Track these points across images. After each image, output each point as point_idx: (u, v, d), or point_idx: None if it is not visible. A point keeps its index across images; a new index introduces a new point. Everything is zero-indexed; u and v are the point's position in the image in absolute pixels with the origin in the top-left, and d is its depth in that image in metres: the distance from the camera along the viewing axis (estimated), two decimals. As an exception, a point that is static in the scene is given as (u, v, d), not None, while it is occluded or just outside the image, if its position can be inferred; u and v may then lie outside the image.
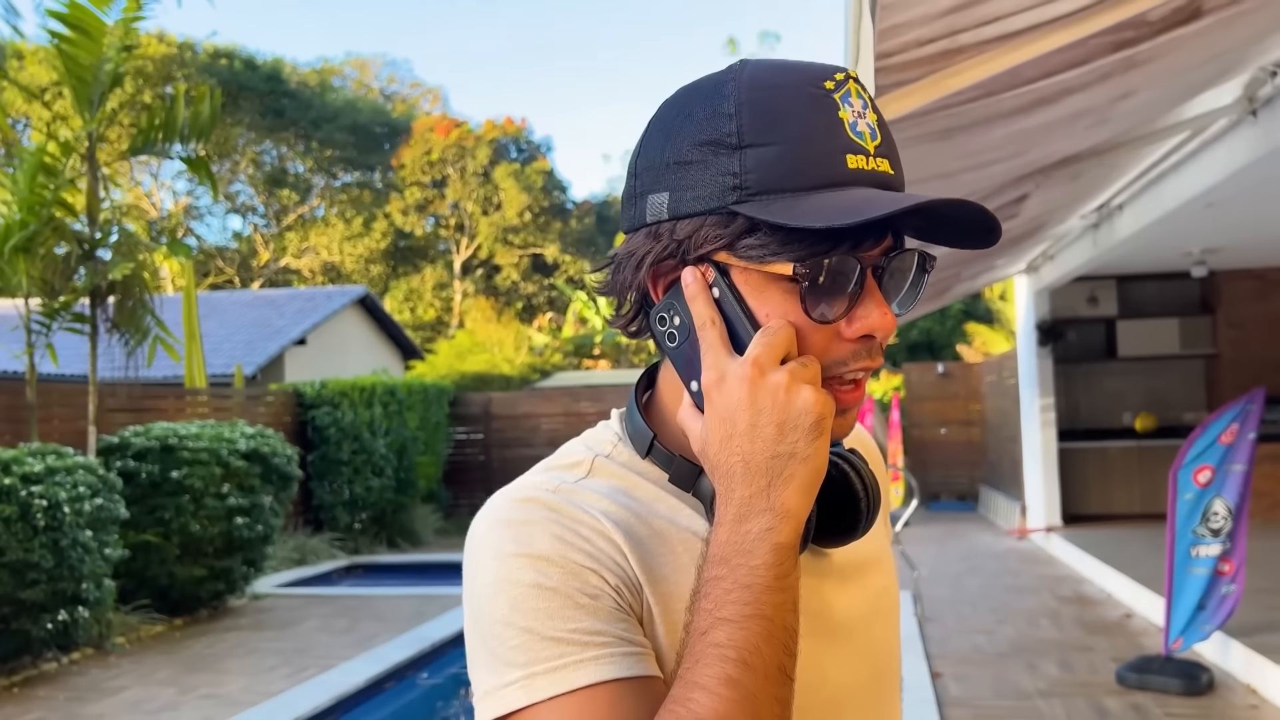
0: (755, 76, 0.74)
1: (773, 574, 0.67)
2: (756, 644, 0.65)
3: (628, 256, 0.78)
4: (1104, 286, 10.45)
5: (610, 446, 0.83)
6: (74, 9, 6.92)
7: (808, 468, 0.69)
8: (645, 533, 0.76)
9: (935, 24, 2.31)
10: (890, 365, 22.50)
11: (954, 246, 0.78)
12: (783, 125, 0.71)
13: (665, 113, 0.78)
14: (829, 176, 0.71)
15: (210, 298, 19.09)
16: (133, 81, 26.83)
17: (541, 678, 0.68)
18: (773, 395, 0.69)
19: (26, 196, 6.85)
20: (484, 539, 0.74)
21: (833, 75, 0.74)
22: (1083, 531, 9.55)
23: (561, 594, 0.70)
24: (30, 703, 5.50)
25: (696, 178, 0.73)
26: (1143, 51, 2.93)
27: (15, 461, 5.74)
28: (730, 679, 0.64)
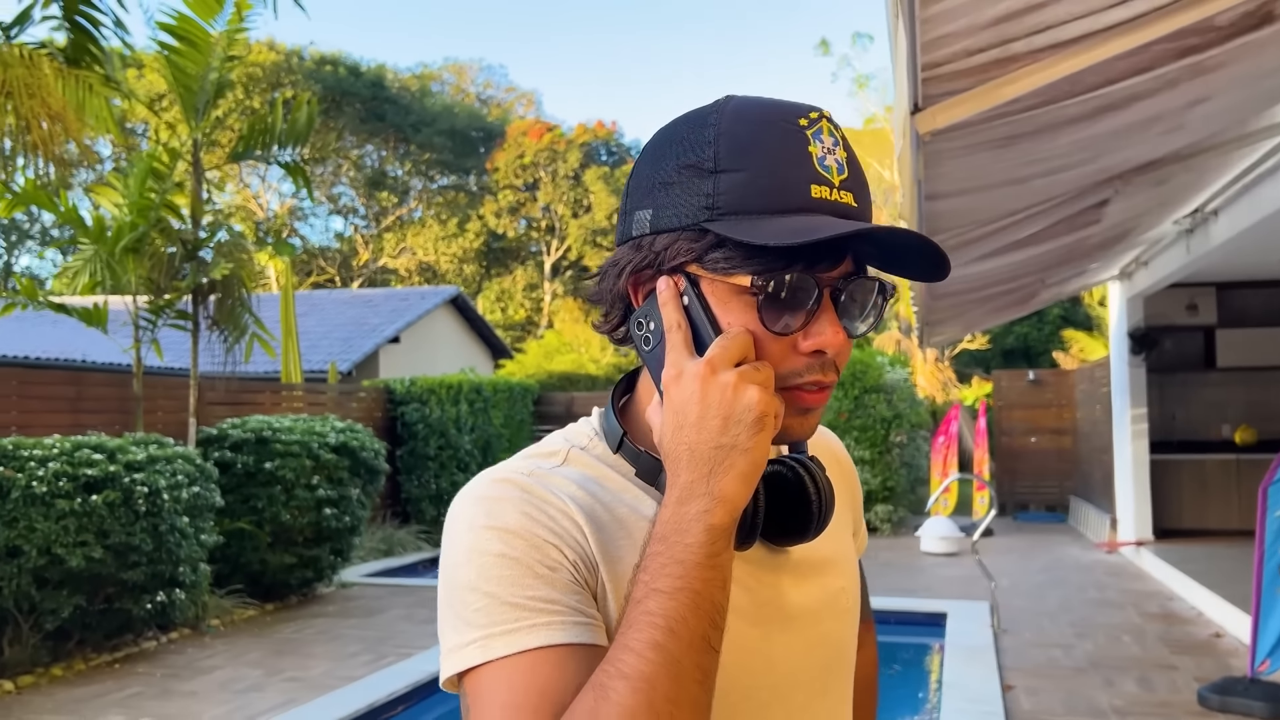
0: (738, 110, 0.81)
1: (704, 552, 0.73)
2: (684, 614, 0.71)
3: (612, 265, 0.86)
4: (1203, 294, 10.09)
5: (587, 440, 0.90)
6: (182, 21, 7.29)
7: (747, 459, 0.75)
8: (607, 518, 0.83)
9: (983, 34, 2.33)
10: (981, 372, 22.05)
11: (908, 278, 0.84)
12: (754, 154, 0.78)
13: (657, 139, 0.85)
14: (792, 203, 0.78)
15: (311, 296, 19.76)
16: (243, 88, 27.94)
17: (498, 639, 0.75)
18: (721, 391, 0.76)
19: (136, 200, 7.24)
20: (460, 513, 0.81)
21: (808, 114, 0.81)
22: (1175, 547, 9.23)
23: (523, 564, 0.77)
24: (130, 678, 5.82)
25: (676, 197, 0.81)
26: (1212, 57, 2.87)
27: (120, 450, 6.08)
28: (656, 644, 0.70)
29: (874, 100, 27.01)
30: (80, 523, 5.68)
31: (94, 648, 6.19)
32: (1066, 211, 4.68)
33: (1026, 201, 4.13)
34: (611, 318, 0.89)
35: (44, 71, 5.97)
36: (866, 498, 11.84)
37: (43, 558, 5.58)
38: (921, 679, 6.73)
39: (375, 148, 34.36)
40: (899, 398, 12.06)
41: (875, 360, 12.26)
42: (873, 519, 11.88)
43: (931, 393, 19.05)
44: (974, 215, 4.11)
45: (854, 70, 38.53)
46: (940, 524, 10.53)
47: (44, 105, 5.82)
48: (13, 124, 5.85)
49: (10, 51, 5.87)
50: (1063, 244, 5.69)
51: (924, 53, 2.29)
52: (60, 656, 6.00)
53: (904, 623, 7.38)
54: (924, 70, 2.37)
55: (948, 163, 3.10)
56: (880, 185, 25.15)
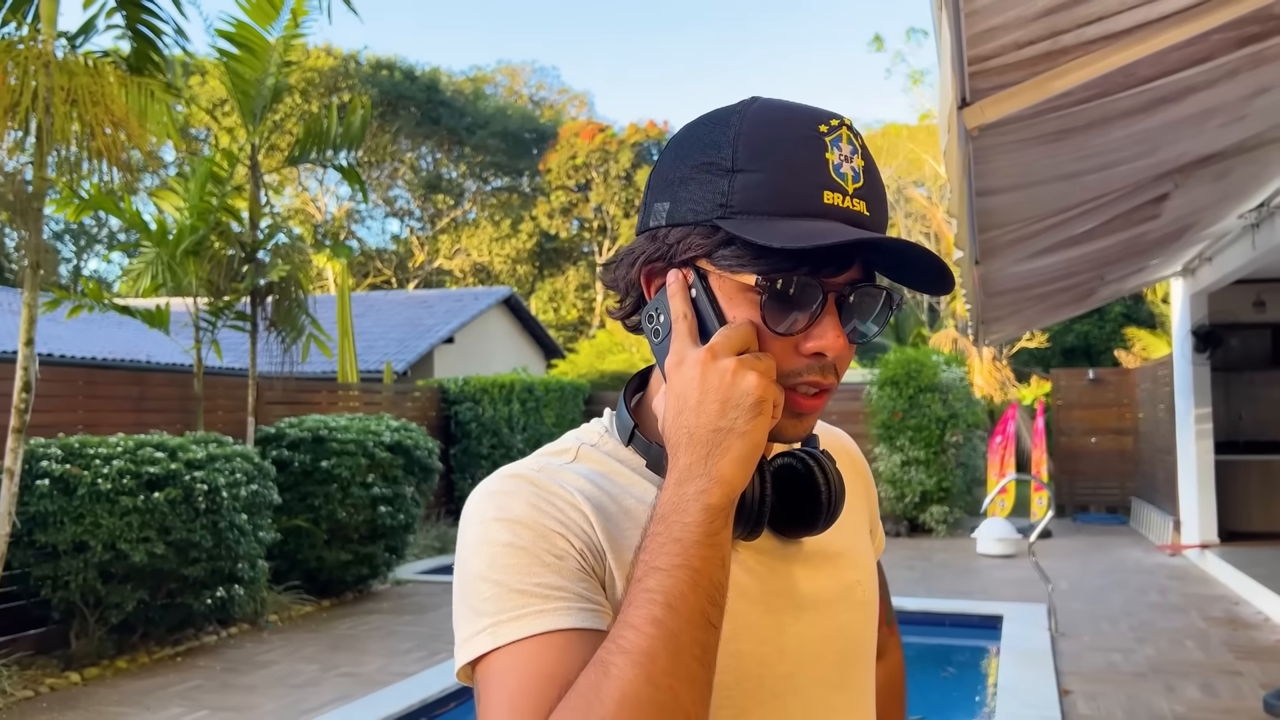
0: (759, 113, 0.83)
1: (702, 531, 0.74)
2: (683, 590, 0.72)
3: (628, 254, 0.89)
4: (1271, 289, 9.81)
5: (597, 437, 0.93)
6: (240, 28, 7.44)
7: (744, 442, 0.76)
8: (614, 509, 0.85)
9: (1032, 26, 2.29)
10: (1040, 370, 21.65)
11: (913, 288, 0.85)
12: (770, 157, 0.80)
13: (681, 136, 0.87)
14: (804, 207, 0.79)
15: (367, 297, 20.05)
16: (301, 92, 28.44)
17: (506, 625, 0.77)
18: (720, 376, 0.77)
19: (196, 204, 7.41)
20: (472, 508, 0.84)
21: (828, 120, 0.82)
22: (1242, 550, 8.98)
23: (530, 553, 0.79)
24: (190, 671, 5.96)
25: (693, 193, 0.82)
26: (1274, 46, 2.79)
27: (181, 448, 6.23)
28: (655, 619, 0.72)
29: (928, 96, 26.67)
30: (143, 519, 5.82)
31: (156, 641, 6.35)
32: (1123, 206, 4.58)
33: (1080, 197, 4.04)
34: (625, 305, 0.91)
35: (108, 79, 6.12)
36: (921, 498, 11.69)
37: (108, 553, 5.73)
38: (977, 682, 6.63)
39: (430, 150, 34.76)
40: (955, 397, 11.88)
41: (931, 359, 12.10)
42: (928, 520, 11.72)
43: (988, 392, 18.75)
44: (1026, 211, 4.03)
45: (908, 66, 38.11)
46: (997, 525, 10.37)
47: (107, 112, 5.98)
48: (78, 130, 6.02)
49: (76, 60, 6.04)
50: (1120, 240, 5.57)
51: (970, 46, 2.26)
52: (124, 649, 6.16)
53: (959, 625, 7.28)
54: (970, 64, 2.33)
55: (997, 158, 3.05)
56: (936, 181, 24.80)
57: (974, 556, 10.18)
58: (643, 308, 0.88)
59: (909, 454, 11.69)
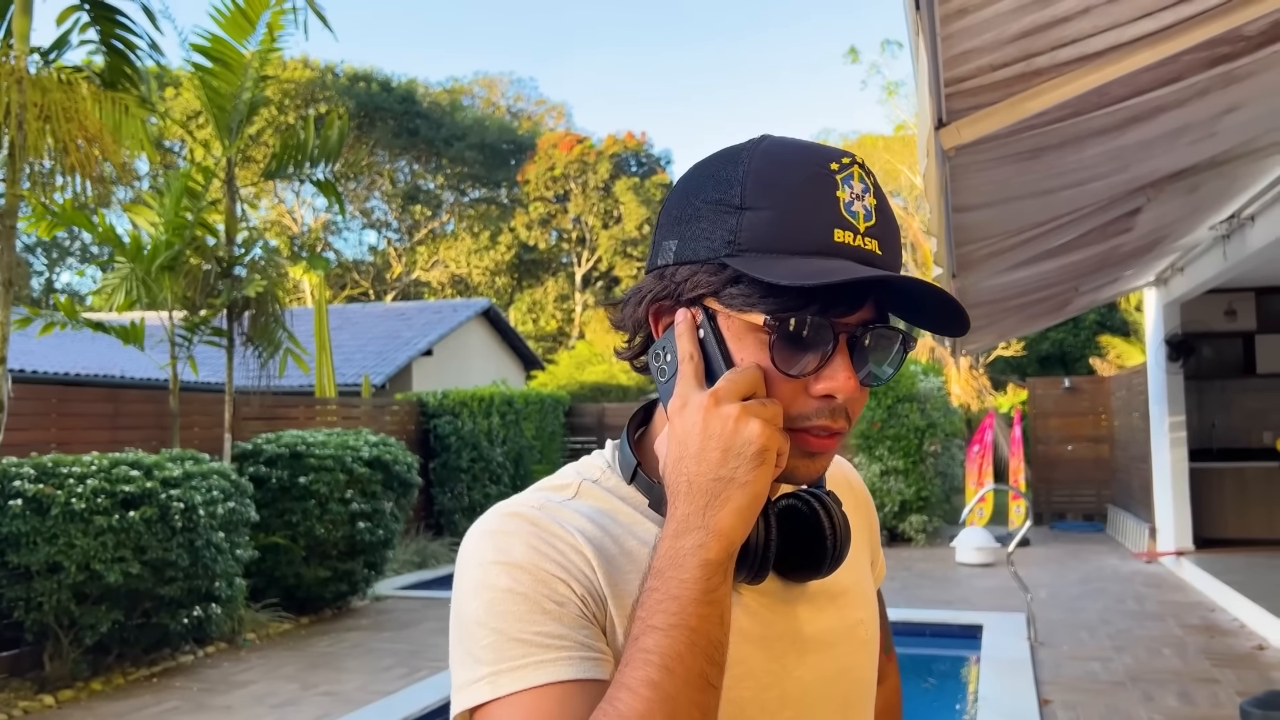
0: (769, 151, 0.81)
1: (700, 588, 0.72)
2: (680, 651, 0.70)
3: (635, 292, 0.87)
4: (1242, 299, 9.93)
5: (599, 473, 0.90)
6: (215, 42, 7.41)
7: (745, 493, 0.74)
8: (616, 551, 0.83)
9: (1007, 49, 2.31)
10: (1016, 379, 21.81)
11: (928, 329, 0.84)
12: (780, 194, 0.79)
13: (691, 173, 0.86)
14: (814, 245, 0.77)
15: (344, 310, 19.94)
16: (278, 105, 28.32)
17: (505, 675, 0.75)
18: (723, 423, 0.75)
19: (171, 218, 7.36)
20: (470, 547, 0.82)
21: (839, 159, 0.80)
22: (1217, 556, 9.07)
23: (530, 599, 0.77)
24: (167, 692, 5.89)
25: (702, 230, 0.81)
26: (1243, 66, 2.83)
27: (156, 466, 6.17)
28: (652, 681, 0.69)
29: (904, 107, 26.89)
30: (118, 539, 5.76)
31: (132, 662, 6.27)
32: (1097, 221, 4.63)
33: (1055, 212, 4.09)
34: (634, 345, 0.90)
35: (81, 94, 6.08)
36: (900, 508, 11.74)
37: (82, 573, 5.67)
38: (957, 692, 6.65)
39: (408, 162, 34.67)
40: (933, 406, 11.95)
41: (908, 369, 12.16)
42: (907, 529, 11.77)
43: (966, 401, 18.87)
44: (1002, 226, 4.07)
45: (883, 77, 38.33)
46: (975, 534, 10.42)
47: (81, 127, 5.93)
48: (51, 145, 5.97)
49: (49, 76, 5.99)
50: (1095, 252, 5.62)
51: (947, 68, 2.28)
52: (99, 671, 6.09)
53: (939, 635, 7.31)
54: (947, 86, 2.35)
55: (974, 176, 3.08)
56: (912, 192, 24.98)
57: (953, 565, 10.23)
58: (650, 346, 0.86)
59: (888, 463, 11.75)
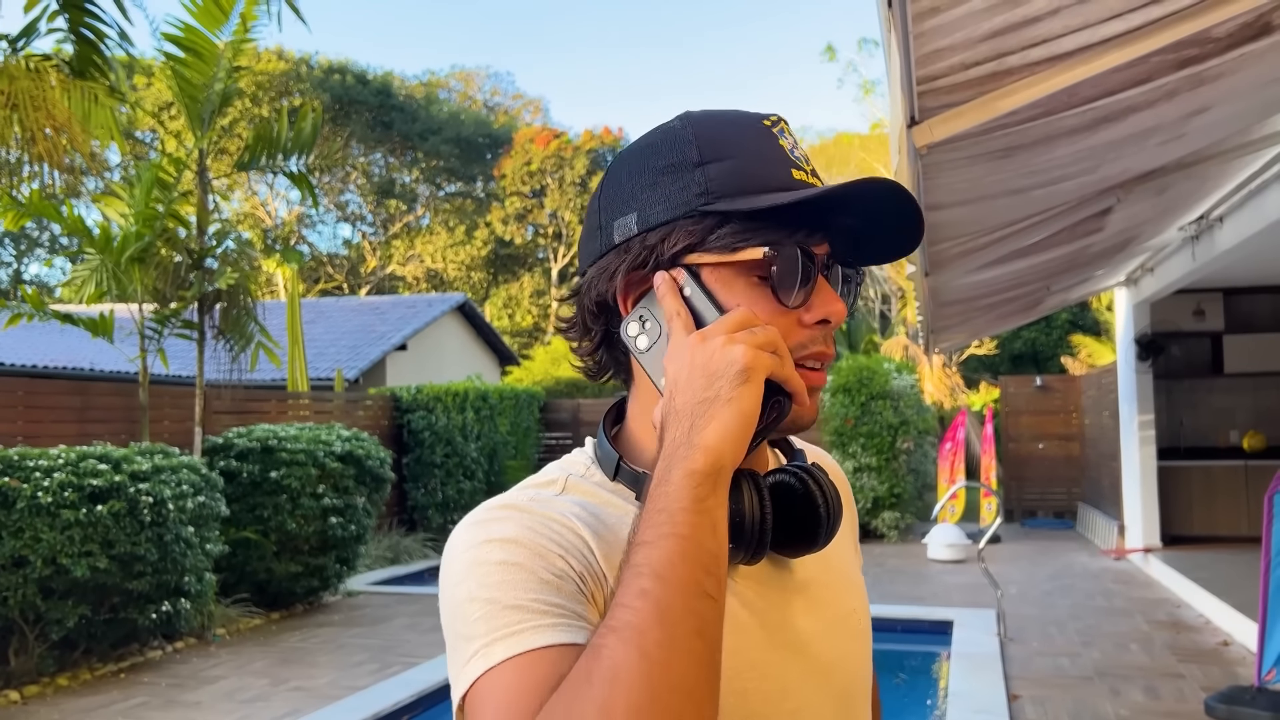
0: (705, 118, 0.84)
1: (688, 497, 0.69)
2: (671, 559, 0.67)
3: (599, 275, 0.84)
4: (1210, 299, 10.05)
5: (584, 469, 0.88)
6: (188, 31, 7.32)
7: (730, 409, 0.72)
8: (612, 539, 0.80)
9: (979, 48, 2.32)
10: (989, 377, 21.99)
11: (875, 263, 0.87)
12: (736, 146, 0.81)
13: (628, 156, 0.86)
14: (780, 183, 0.81)
15: (318, 304, 19.80)
16: (252, 96, 28.06)
17: (499, 643, 0.70)
18: (706, 352, 0.74)
19: (142, 210, 7.27)
20: (457, 539, 0.78)
21: (768, 117, 0.85)
22: (1183, 554, 9.19)
23: (526, 568, 0.73)
24: (135, 688, 5.84)
25: (664, 193, 0.81)
26: (1211, 68, 2.86)
27: (125, 460, 6.11)
28: (643, 591, 0.66)
29: (880, 105, 26.99)
30: (85, 533, 5.70)
31: (99, 657, 6.21)
32: (1068, 220, 4.67)
33: (1027, 211, 4.12)
34: (594, 336, 0.87)
35: (49, 83, 6.00)
36: (873, 504, 11.81)
37: (48, 568, 5.60)
38: (928, 688, 6.70)
39: (383, 155, 34.47)
40: (906, 404, 12.03)
41: (882, 366, 12.23)
42: (879, 526, 11.84)
43: (939, 399, 18.99)
44: (975, 225, 4.10)
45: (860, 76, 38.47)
46: (947, 531, 10.50)
47: (49, 116, 5.85)
48: (19, 134, 5.88)
49: (16, 64, 5.91)
50: (1066, 252, 5.67)
51: (919, 67, 2.29)
52: (65, 666, 6.02)
53: (910, 630, 7.37)
54: (919, 84, 2.36)
55: (946, 174, 3.09)
56: (887, 190, 25.07)
57: (925, 562, 10.30)
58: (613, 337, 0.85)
59: (861, 460, 11.81)
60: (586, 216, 0.88)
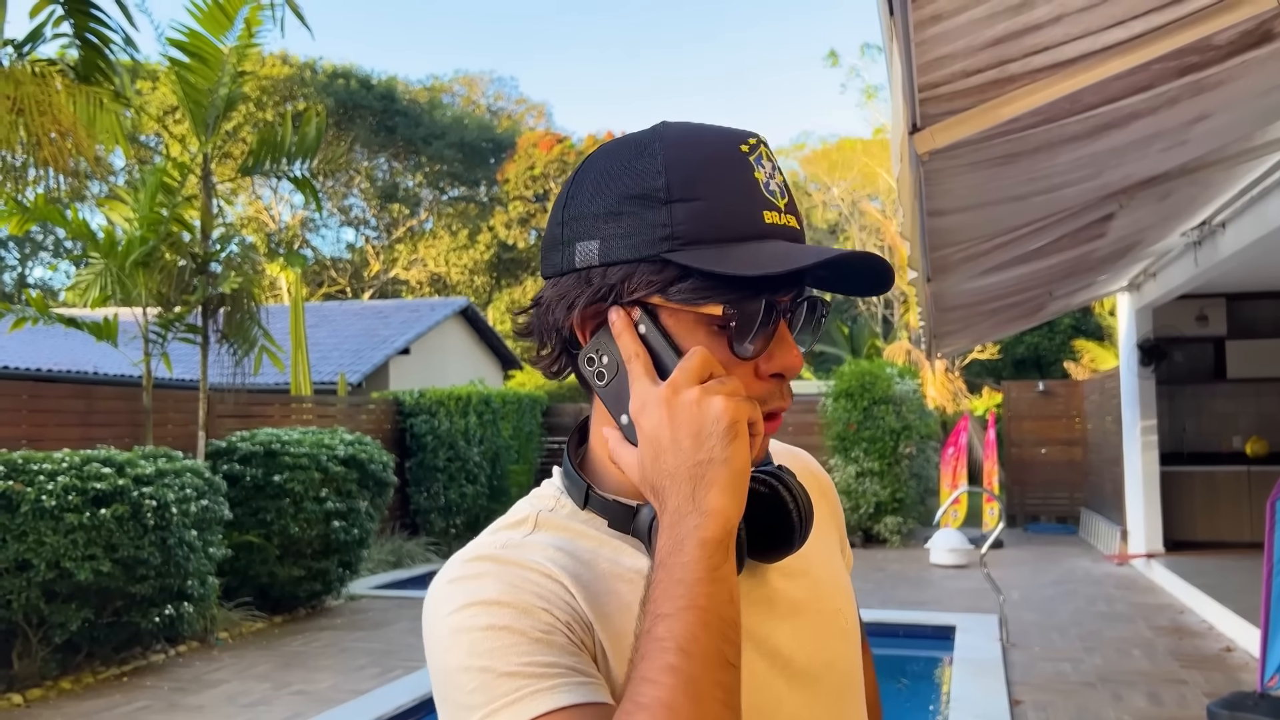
0: (679, 138, 0.80)
1: (703, 567, 0.70)
2: (694, 632, 0.68)
3: (558, 299, 0.83)
4: (1213, 305, 10.05)
5: (553, 502, 0.87)
6: (193, 37, 7.35)
7: (728, 469, 0.73)
8: (590, 576, 0.80)
9: (980, 55, 2.33)
10: (992, 382, 21.98)
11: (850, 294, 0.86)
12: (707, 183, 0.78)
13: (592, 166, 0.83)
14: (750, 230, 0.78)
15: (322, 308, 19.82)
16: (256, 101, 28.13)
17: (501, 713, 0.70)
18: (687, 409, 0.74)
19: (146, 214, 7.29)
20: (436, 601, 0.78)
21: (746, 140, 0.81)
22: (1186, 559, 9.18)
23: (514, 631, 0.73)
24: (137, 691, 5.85)
25: (627, 228, 0.78)
26: (1213, 75, 2.87)
27: (129, 463, 6.12)
28: (671, 667, 0.67)
29: (883, 110, 27.01)
30: (89, 536, 5.71)
31: (102, 661, 6.22)
32: (1071, 226, 4.67)
33: (1029, 217, 4.12)
34: (550, 351, 0.87)
35: (55, 88, 6.02)
36: (876, 509, 11.81)
37: (51, 571, 5.61)
38: (930, 693, 6.70)
39: (386, 160, 34.52)
40: (908, 409, 12.03)
41: (884, 371, 12.23)
42: (881, 530, 11.83)
43: (941, 403, 18.98)
44: (977, 231, 4.11)
45: (863, 81, 38.51)
46: (949, 536, 10.50)
47: (55, 121, 5.87)
48: (24, 139, 5.90)
49: (22, 69, 5.93)
50: (1068, 258, 5.68)
51: (921, 74, 2.30)
52: (69, 670, 6.03)
53: (912, 636, 7.36)
54: (921, 91, 2.37)
55: (948, 181, 3.10)
56: (890, 195, 25.12)
57: (927, 567, 10.29)
58: (578, 351, 0.84)
59: (863, 465, 11.81)
60: (549, 221, 0.85)
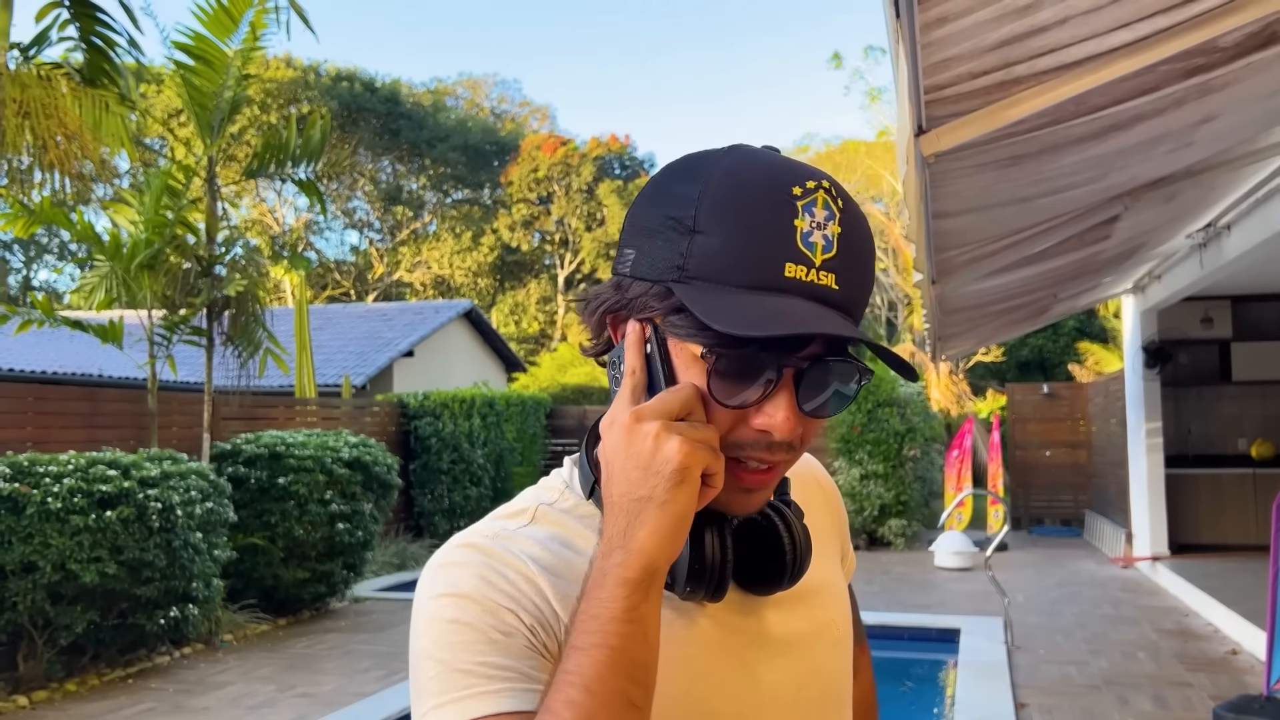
0: (733, 169, 0.77)
1: (620, 606, 0.71)
2: (599, 672, 0.70)
3: (595, 298, 0.85)
4: (1218, 307, 10.03)
5: (556, 494, 0.88)
6: (198, 40, 7.36)
7: (664, 513, 0.72)
8: (573, 578, 0.81)
9: (986, 57, 2.33)
10: (996, 384, 21.95)
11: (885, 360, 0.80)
12: (733, 221, 0.75)
13: (658, 179, 0.83)
14: (762, 280, 0.74)
15: (326, 310, 19.85)
16: (260, 104, 28.18)
17: (449, 707, 0.74)
18: (641, 442, 0.74)
19: (151, 217, 7.31)
20: (424, 581, 0.81)
21: (805, 183, 0.76)
22: (1192, 562, 9.16)
23: (476, 629, 0.76)
24: (142, 693, 5.85)
25: (655, 248, 0.79)
26: (1219, 77, 2.87)
27: (134, 466, 6.13)
28: (571, 702, 0.69)
29: (886, 113, 27.01)
30: (94, 538, 5.72)
31: (107, 663, 6.23)
32: (1076, 228, 4.67)
33: (1034, 219, 4.12)
34: (597, 344, 0.88)
35: (60, 91, 6.04)
36: (880, 512, 11.79)
37: (57, 573, 5.62)
38: (934, 696, 6.69)
39: (390, 162, 34.58)
40: (912, 411, 12.02)
41: (888, 373, 12.23)
42: (886, 533, 11.82)
43: (946, 406, 18.98)
44: (982, 233, 4.10)
45: (866, 83, 38.53)
46: (954, 539, 10.48)
47: (60, 124, 5.89)
48: (30, 142, 5.92)
49: (28, 72, 5.95)
50: (1073, 259, 5.67)
51: (926, 76, 2.30)
52: (74, 671, 6.04)
53: (917, 639, 7.35)
54: (927, 93, 2.37)
55: (953, 183, 3.10)
56: (894, 197, 25.12)
57: (931, 570, 10.28)
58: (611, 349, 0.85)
59: (867, 468, 11.80)
60: (626, 214, 0.86)
